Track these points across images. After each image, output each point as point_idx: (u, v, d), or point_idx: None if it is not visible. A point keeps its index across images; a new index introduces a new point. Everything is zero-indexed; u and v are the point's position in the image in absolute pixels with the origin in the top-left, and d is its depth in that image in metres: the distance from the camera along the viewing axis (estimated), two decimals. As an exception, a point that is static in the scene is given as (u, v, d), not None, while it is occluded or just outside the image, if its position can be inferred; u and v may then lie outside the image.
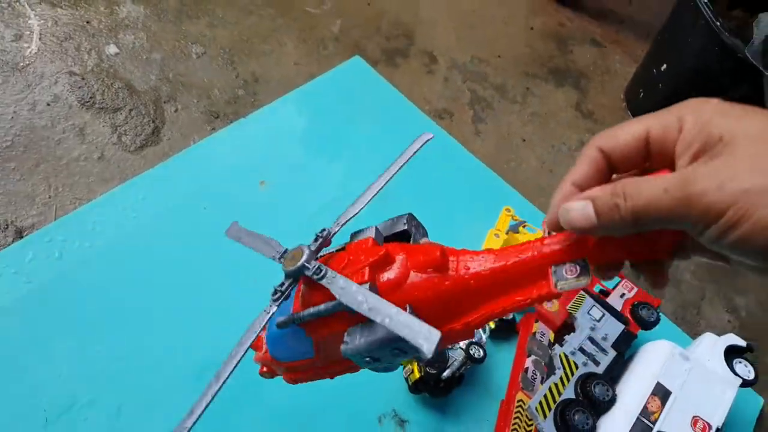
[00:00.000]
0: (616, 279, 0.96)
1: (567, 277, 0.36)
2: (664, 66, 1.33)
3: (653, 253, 0.36)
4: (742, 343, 0.90)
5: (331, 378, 0.50)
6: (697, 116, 0.31)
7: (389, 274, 0.40)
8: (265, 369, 0.53)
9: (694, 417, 0.77)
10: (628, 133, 0.34)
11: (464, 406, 0.85)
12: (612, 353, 0.86)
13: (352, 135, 1.09)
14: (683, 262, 1.20)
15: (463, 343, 0.82)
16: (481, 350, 0.81)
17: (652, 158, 0.33)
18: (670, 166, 0.32)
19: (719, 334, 0.92)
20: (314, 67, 1.19)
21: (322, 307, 0.41)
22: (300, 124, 1.07)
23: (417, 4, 1.46)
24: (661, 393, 0.79)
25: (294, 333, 0.44)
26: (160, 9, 1.19)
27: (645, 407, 0.78)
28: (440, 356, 0.79)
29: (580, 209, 0.33)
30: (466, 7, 1.51)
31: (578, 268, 0.36)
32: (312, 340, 0.44)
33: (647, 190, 0.30)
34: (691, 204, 0.28)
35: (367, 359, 0.39)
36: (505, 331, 0.93)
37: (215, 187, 0.94)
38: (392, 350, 0.38)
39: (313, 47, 1.26)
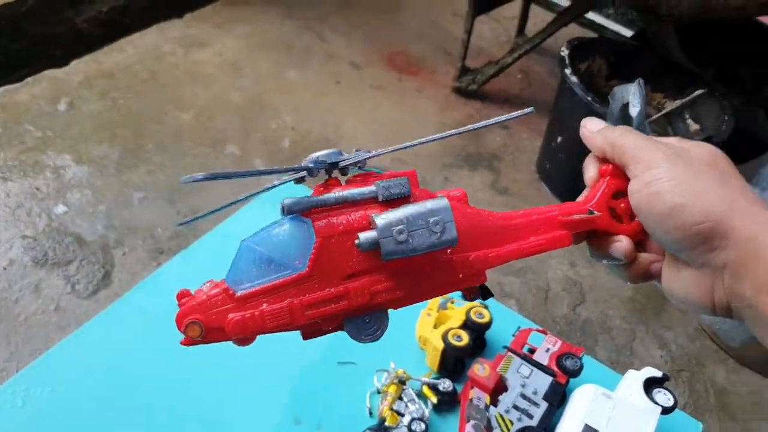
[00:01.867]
0: (541, 336, 1.05)
1: (578, 216, 0.45)
2: (560, 138, 1.50)
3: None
4: (659, 374, 0.98)
5: (302, 329, 0.40)
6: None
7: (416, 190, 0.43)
8: (196, 316, 0.39)
9: (622, 450, 0.85)
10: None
11: (421, 481, 0.90)
12: (544, 405, 0.94)
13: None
14: (611, 311, 1.30)
15: (406, 420, 0.89)
16: (422, 424, 0.88)
17: None
18: None
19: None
20: (248, 192, 1.31)
21: (360, 190, 0.40)
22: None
23: (338, 122, 1.63)
24: (590, 433, 0.86)
25: (294, 229, 0.40)
26: (102, 165, 1.32)
27: (577, 449, 0.85)
28: (384, 436, 0.86)
29: (590, 124, 0.47)
30: (381, 117, 1.69)
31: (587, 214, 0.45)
32: (314, 242, 0.39)
33: (623, 138, 0.43)
34: (643, 152, 0.40)
35: (400, 228, 0.38)
36: (448, 403, 0.99)
37: (165, 315, 1.03)
38: (428, 222, 0.39)
39: (247, 174, 1.39)
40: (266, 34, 1.89)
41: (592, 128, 0.46)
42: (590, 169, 0.46)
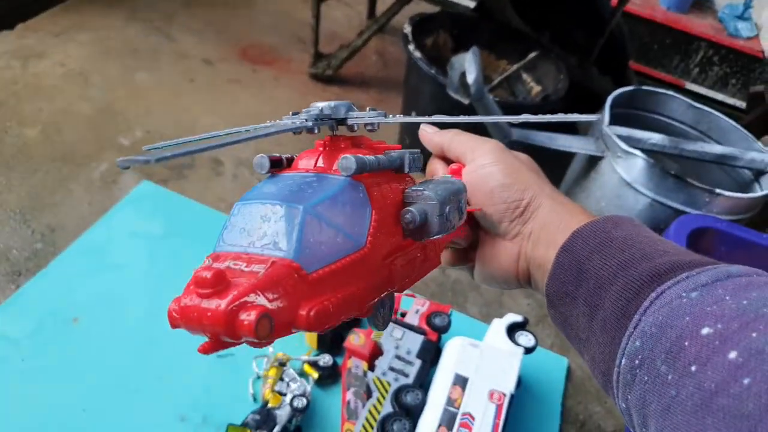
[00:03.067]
0: (410, 299, 1.11)
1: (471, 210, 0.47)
2: (414, 113, 1.57)
3: None
4: (520, 318, 1.07)
5: (366, 309, 0.33)
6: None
7: None
8: (262, 308, 0.24)
9: (490, 391, 0.92)
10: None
11: (311, 453, 0.94)
12: (418, 362, 1.00)
13: (157, 250, 1.18)
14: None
15: (288, 398, 0.92)
16: (304, 399, 0.92)
17: None
18: None
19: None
20: (108, 203, 1.27)
21: (397, 154, 0.38)
22: (100, 258, 1.15)
23: (194, 120, 1.60)
24: (460, 381, 0.93)
25: (353, 195, 0.32)
26: (-67, 193, 1.22)
27: (449, 397, 0.91)
28: (268, 416, 0.88)
29: (428, 128, 0.52)
30: (239, 109, 1.68)
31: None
32: (370, 212, 0.33)
33: (458, 136, 0.49)
34: (476, 143, 0.48)
35: (449, 207, 0.36)
36: (330, 376, 1.03)
37: (27, 339, 0.99)
38: (457, 202, 0.38)
39: (102, 185, 1.34)
40: (111, 39, 1.80)
41: (429, 130, 0.53)
42: (439, 172, 0.54)
